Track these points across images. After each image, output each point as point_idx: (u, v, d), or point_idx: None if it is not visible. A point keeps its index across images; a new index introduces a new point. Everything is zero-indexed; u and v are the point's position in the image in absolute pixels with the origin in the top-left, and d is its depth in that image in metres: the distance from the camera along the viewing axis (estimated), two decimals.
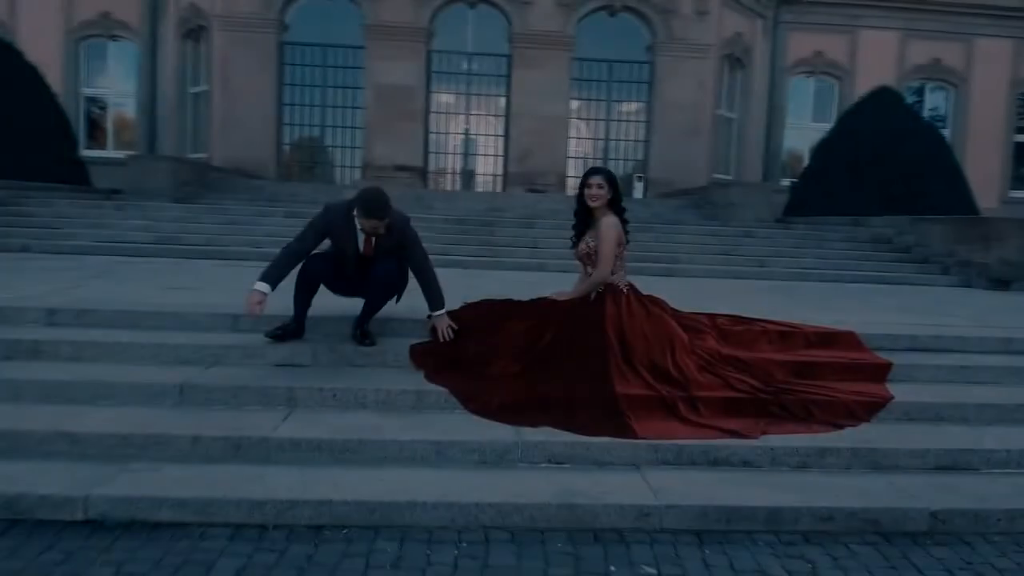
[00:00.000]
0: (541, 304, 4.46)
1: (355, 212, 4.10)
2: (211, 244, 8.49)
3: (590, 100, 16.79)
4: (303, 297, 4.29)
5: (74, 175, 12.36)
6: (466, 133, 17.07)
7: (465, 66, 16.72)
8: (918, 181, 13.00)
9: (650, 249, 9.49)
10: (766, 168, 18.34)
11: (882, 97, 14.23)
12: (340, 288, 4.43)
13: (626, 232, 4.48)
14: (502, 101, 16.60)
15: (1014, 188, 18.33)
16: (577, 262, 4.63)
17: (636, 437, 3.53)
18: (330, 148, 16.96)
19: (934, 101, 18.23)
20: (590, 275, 4.43)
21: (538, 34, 15.88)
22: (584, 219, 4.61)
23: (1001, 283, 8.38)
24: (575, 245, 4.63)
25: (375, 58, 16.00)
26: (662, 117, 16.22)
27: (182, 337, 4.34)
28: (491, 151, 17.05)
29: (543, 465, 3.43)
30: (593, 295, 4.35)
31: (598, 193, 4.41)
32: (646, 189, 16.21)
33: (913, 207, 12.56)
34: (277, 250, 4.33)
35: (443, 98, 16.87)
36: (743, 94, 17.84)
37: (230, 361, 4.18)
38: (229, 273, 6.97)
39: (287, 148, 16.81)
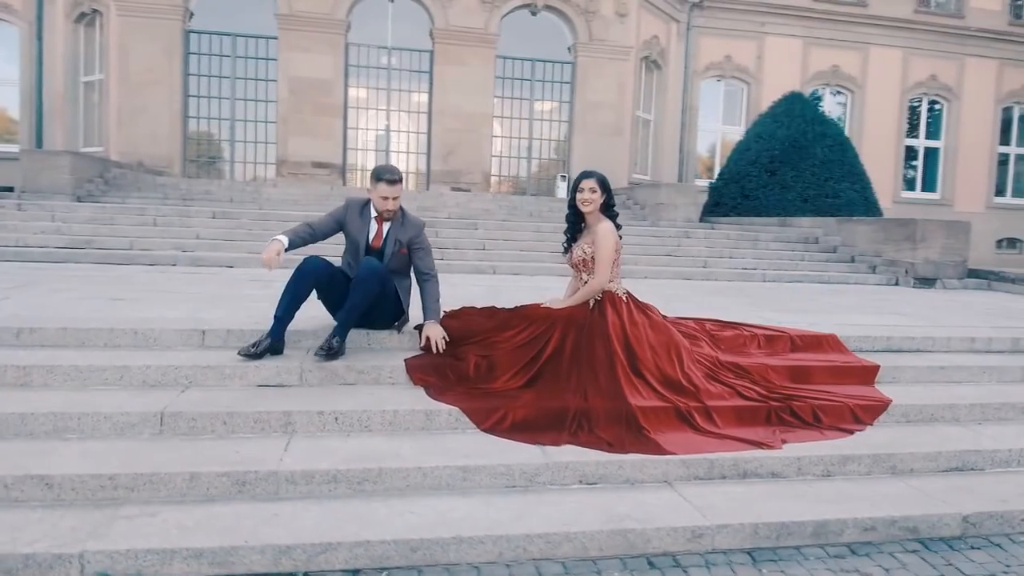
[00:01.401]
0: (535, 312, 4.28)
1: (370, 185, 4.11)
2: (134, 248, 7.77)
3: (513, 99, 16.66)
4: (291, 299, 3.97)
5: None
6: (387, 130, 16.59)
7: (385, 60, 16.24)
8: (830, 183, 13.69)
9: None
10: (681, 169, 18.81)
11: (794, 102, 14.87)
12: (333, 298, 4.11)
13: (619, 237, 4.37)
14: (424, 97, 16.23)
15: (906, 189, 19.61)
16: (571, 269, 4.48)
17: (664, 452, 3.42)
18: (241, 143, 16.04)
19: (833, 106, 19.21)
20: (585, 282, 4.29)
21: (460, 30, 15.62)
22: (576, 224, 4.48)
23: (926, 281, 8.89)
24: (567, 251, 4.50)
25: (289, 49, 15.28)
26: (584, 117, 16.32)
27: (146, 357, 3.88)
28: (413, 149, 16.65)
29: (574, 486, 3.26)
30: (592, 303, 4.22)
31: (590, 198, 4.29)
32: (568, 188, 16.24)
33: (826, 207, 13.21)
34: (211, 254, 3.97)
35: (362, 93, 16.32)
36: (659, 96, 18.22)
37: (207, 383, 3.78)
38: (167, 280, 6.40)
39: (195, 143, 15.79)
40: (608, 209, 4.38)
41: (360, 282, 3.95)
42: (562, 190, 16.32)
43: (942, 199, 19.74)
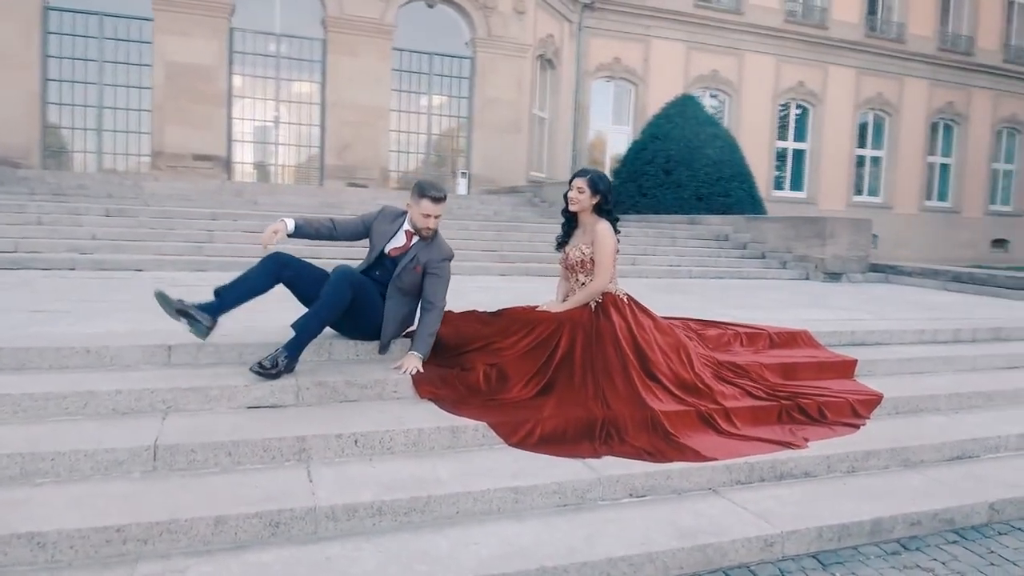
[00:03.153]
0: (536, 316, 4.08)
1: (411, 199, 3.80)
2: (20, 250, 6.77)
3: (411, 92, 16.22)
4: (254, 276, 3.61)
5: None
6: (276, 121, 15.66)
7: (273, 48, 15.31)
8: (722, 182, 14.31)
9: (519, 248, 9.35)
10: (574, 167, 19.06)
11: (686, 104, 15.43)
12: (305, 288, 3.68)
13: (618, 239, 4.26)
14: (316, 88, 15.46)
15: (776, 188, 20.92)
16: (565, 270, 4.30)
17: (704, 459, 3.33)
18: (110, 133, 14.58)
19: (714, 108, 20.15)
20: (583, 284, 4.15)
21: (355, 20, 15.01)
22: (570, 223, 4.32)
23: (834, 275, 9.44)
24: (559, 249, 4.34)
25: (165, 32, 14.08)
26: (483, 113, 16.17)
27: (108, 380, 3.32)
28: (304, 142, 15.82)
29: (624, 500, 3.10)
30: (593, 305, 4.07)
31: (577, 197, 4.16)
32: (469, 185, 16.05)
33: (718, 206, 13.79)
34: (114, 256, 3.55)
35: (248, 81, 15.31)
36: (553, 95, 18.38)
37: (189, 407, 3.29)
38: (78, 287, 5.61)
39: (55, 132, 14.20)
40: (603, 209, 4.24)
41: (329, 287, 3.57)
42: (462, 187, 16.10)
43: (808, 198, 21.25)
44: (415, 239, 3.84)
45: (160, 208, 9.09)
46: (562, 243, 4.35)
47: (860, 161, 22.03)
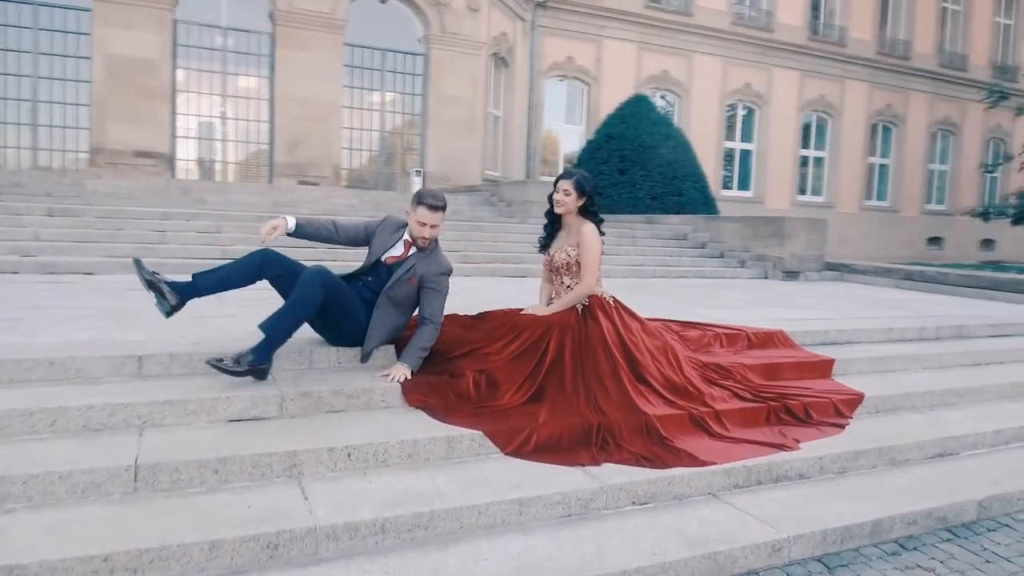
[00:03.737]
0: (523, 320, 4.00)
1: (410, 207, 3.71)
2: None
3: (363, 89, 15.92)
4: (235, 268, 3.51)
5: None
6: (222, 117, 15.17)
7: (219, 41, 14.82)
8: (676, 182, 14.49)
9: (483, 248, 9.25)
10: (528, 166, 19.06)
11: (639, 104, 15.58)
12: (291, 288, 3.49)
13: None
14: (265, 83, 15.03)
15: (725, 188, 21.28)
16: (549, 272, 4.23)
17: (702, 463, 3.30)
18: (46, 128, 13.87)
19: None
20: (568, 286, 4.09)
21: (305, 13, 14.64)
22: (553, 224, 4.26)
23: (792, 274, 9.63)
24: (543, 250, 4.27)
25: (105, 24, 13.49)
26: (438, 111, 15.99)
27: (77, 394, 3.10)
28: (253, 138, 15.36)
29: (628, 508, 3.04)
30: (580, 308, 4.01)
31: (563, 199, 4.11)
32: (424, 184, 15.84)
33: (673, 205, 13.95)
34: (62, 258, 3.39)
35: (193, 76, 14.78)
36: (507, 93, 18.29)
37: (166, 422, 3.10)
38: (28, 293, 5.27)
39: None
40: (588, 211, 4.19)
41: (299, 286, 3.41)
42: (416, 185, 15.87)
43: (755, 197, 21.69)
44: (413, 249, 3.74)
45: (106, 207, 8.67)
46: (545, 245, 4.29)
47: (804, 161, 22.61)
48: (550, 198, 4.17)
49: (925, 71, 23.38)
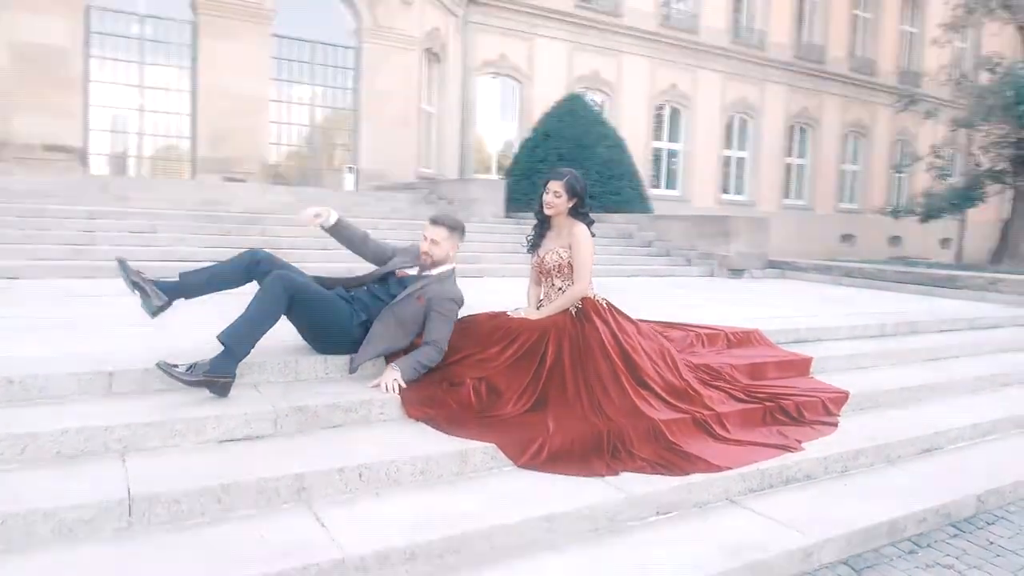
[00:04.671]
0: (516, 324, 3.87)
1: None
2: None
3: (292, 82, 15.33)
4: (224, 268, 3.39)
5: None
6: (140, 109, 14.29)
7: (136, 29, 13.96)
8: (612, 181, 14.63)
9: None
10: (462, 163, 18.84)
11: (575, 103, 15.66)
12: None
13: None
14: (186, 74, 14.25)
15: (653, 187, 21.63)
16: (539, 274, 4.11)
17: (717, 468, 3.24)
18: None
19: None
20: (559, 288, 3.99)
21: (229, 2, 13.95)
22: (542, 224, 4.14)
23: (737, 272, 9.81)
24: (531, 251, 4.15)
25: (11, 9, 12.45)
26: (371, 106, 15.55)
27: (45, 417, 2.76)
28: (173, 132, 14.53)
29: (652, 519, 2.95)
30: (573, 311, 3.91)
31: (553, 201, 4.02)
32: (357, 181, 15.43)
33: (611, 204, 14.06)
34: None
35: (108, 66, 13.85)
36: (440, 90, 18.00)
37: (149, 445, 2.80)
38: None
39: None
40: (579, 212, 4.10)
41: (259, 292, 3.22)
42: (349, 182, 15.47)
43: (682, 196, 22.15)
44: (416, 269, 3.73)
45: (22, 206, 7.98)
46: (534, 246, 4.16)
47: (727, 161, 23.24)
48: (540, 199, 4.05)
49: (838, 75, 24.44)
